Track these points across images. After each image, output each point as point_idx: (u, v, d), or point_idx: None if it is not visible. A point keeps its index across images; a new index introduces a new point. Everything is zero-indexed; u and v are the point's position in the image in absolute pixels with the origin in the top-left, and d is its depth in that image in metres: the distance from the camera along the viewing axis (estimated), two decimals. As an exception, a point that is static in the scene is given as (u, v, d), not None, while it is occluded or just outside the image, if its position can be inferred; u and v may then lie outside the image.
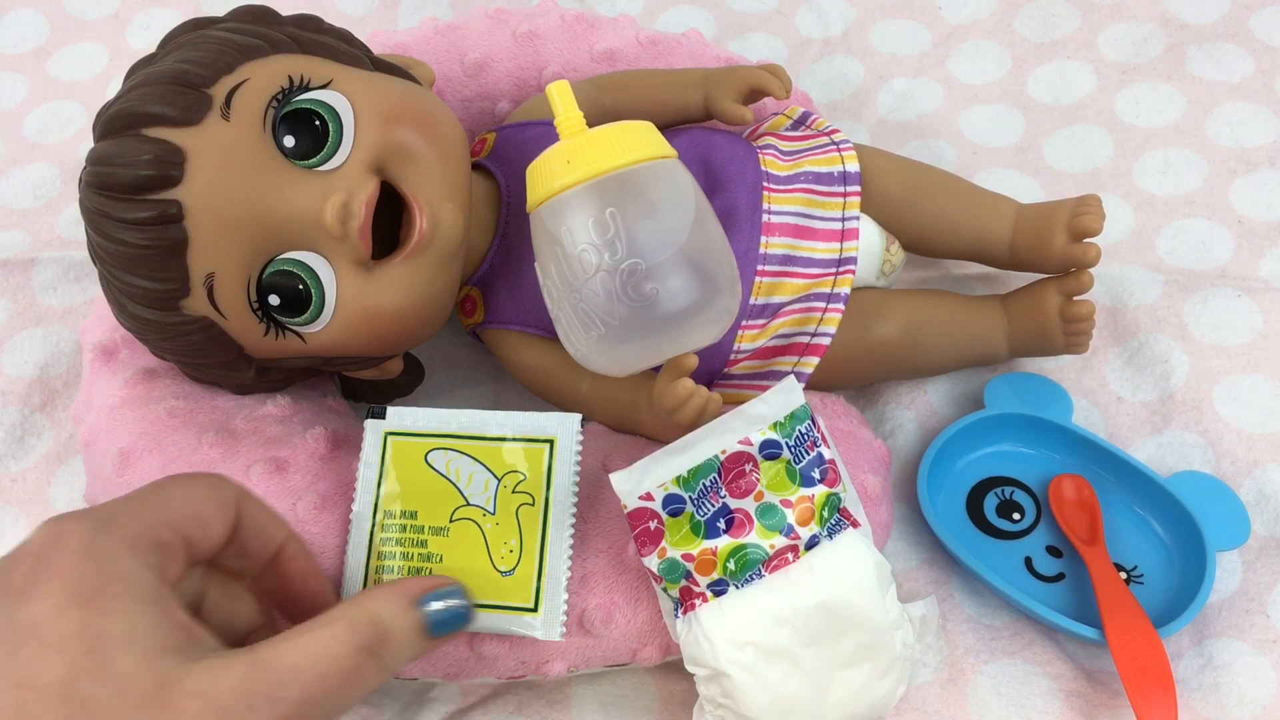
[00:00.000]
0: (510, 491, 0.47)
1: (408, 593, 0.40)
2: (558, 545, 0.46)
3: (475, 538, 0.47)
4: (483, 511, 0.47)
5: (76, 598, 0.33)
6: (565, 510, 0.47)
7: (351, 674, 0.36)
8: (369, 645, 0.37)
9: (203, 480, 0.40)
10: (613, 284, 0.44)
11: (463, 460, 0.47)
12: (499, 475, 0.47)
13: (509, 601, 0.46)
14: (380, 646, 0.37)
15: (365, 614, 0.38)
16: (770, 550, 0.45)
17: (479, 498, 0.47)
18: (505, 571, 0.46)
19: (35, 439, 0.62)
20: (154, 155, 0.45)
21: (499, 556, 0.46)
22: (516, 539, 0.46)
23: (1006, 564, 0.55)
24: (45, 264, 0.68)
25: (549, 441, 0.47)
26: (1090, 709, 0.51)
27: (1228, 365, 0.60)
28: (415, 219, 0.48)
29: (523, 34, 0.64)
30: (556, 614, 0.46)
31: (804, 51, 0.78)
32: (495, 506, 0.47)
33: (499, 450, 0.47)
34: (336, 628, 0.37)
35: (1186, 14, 0.76)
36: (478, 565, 0.46)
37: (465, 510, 0.47)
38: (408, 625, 0.39)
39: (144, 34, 0.81)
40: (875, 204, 0.58)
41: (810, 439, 0.46)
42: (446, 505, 0.47)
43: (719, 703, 0.46)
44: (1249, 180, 0.68)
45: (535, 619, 0.46)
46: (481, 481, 0.47)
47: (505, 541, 0.46)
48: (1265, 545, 0.55)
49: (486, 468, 0.47)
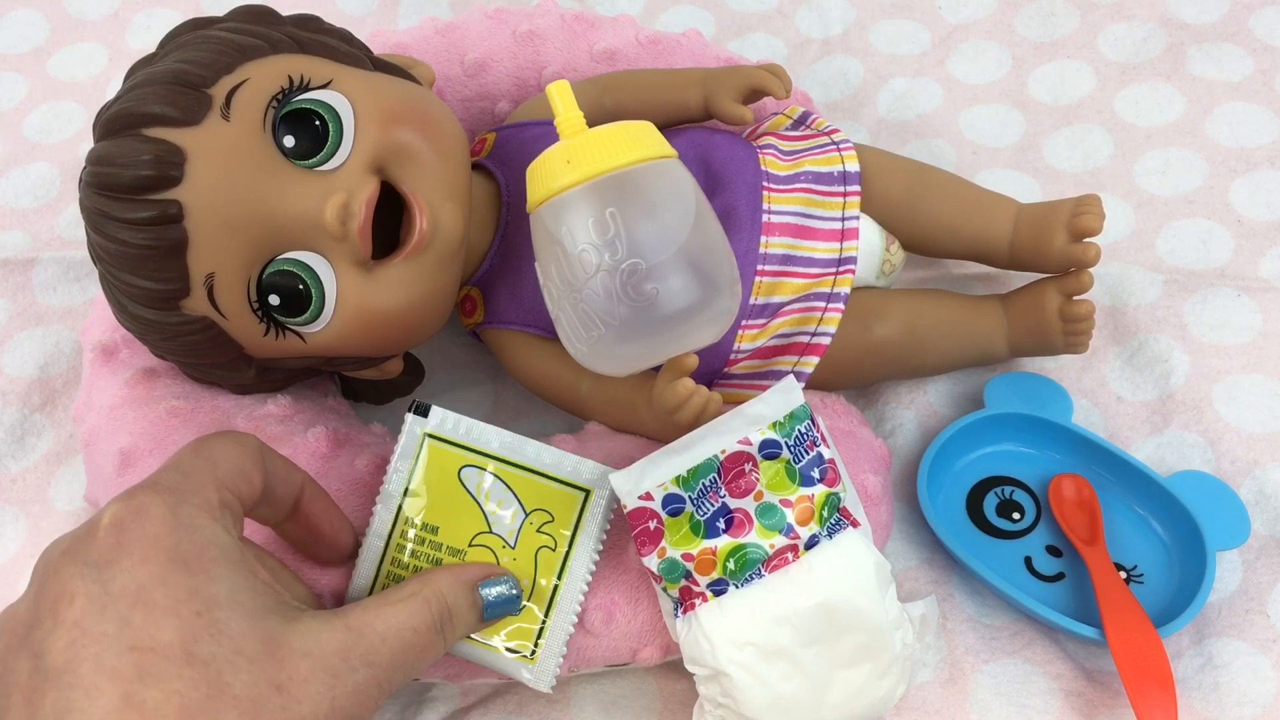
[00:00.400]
0: (535, 530, 0.45)
1: (469, 577, 0.44)
2: (568, 599, 0.45)
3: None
4: (503, 543, 0.45)
5: (178, 563, 0.35)
6: (584, 565, 0.46)
7: (426, 646, 0.40)
8: (439, 621, 0.41)
9: (230, 438, 0.41)
10: (613, 284, 0.44)
11: (496, 484, 0.46)
12: (528, 510, 0.45)
13: (507, 642, 0.45)
14: (446, 623, 0.41)
15: (436, 592, 0.41)
16: (770, 550, 0.45)
17: (503, 527, 0.45)
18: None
19: (35, 439, 0.62)
20: (154, 155, 0.45)
21: None
22: (530, 580, 0.45)
23: (1006, 564, 0.55)
24: (45, 264, 0.68)
25: (586, 491, 0.46)
26: (1090, 709, 0.51)
27: (1228, 365, 0.60)
28: (415, 219, 0.48)
29: (523, 34, 0.64)
30: (551, 667, 0.46)
31: (804, 51, 0.78)
32: (517, 541, 0.45)
33: (534, 484, 0.46)
34: (414, 603, 0.40)
35: (1186, 14, 0.76)
36: None
37: (486, 537, 0.45)
38: (467, 606, 0.43)
39: (144, 34, 0.81)
40: (875, 204, 0.58)
41: (810, 439, 0.46)
42: (469, 527, 0.45)
43: (719, 703, 0.46)
44: (1249, 180, 0.68)
45: (529, 666, 0.45)
46: (509, 511, 0.45)
47: (519, 579, 0.45)
48: (1265, 545, 0.55)
49: (517, 498, 0.46)
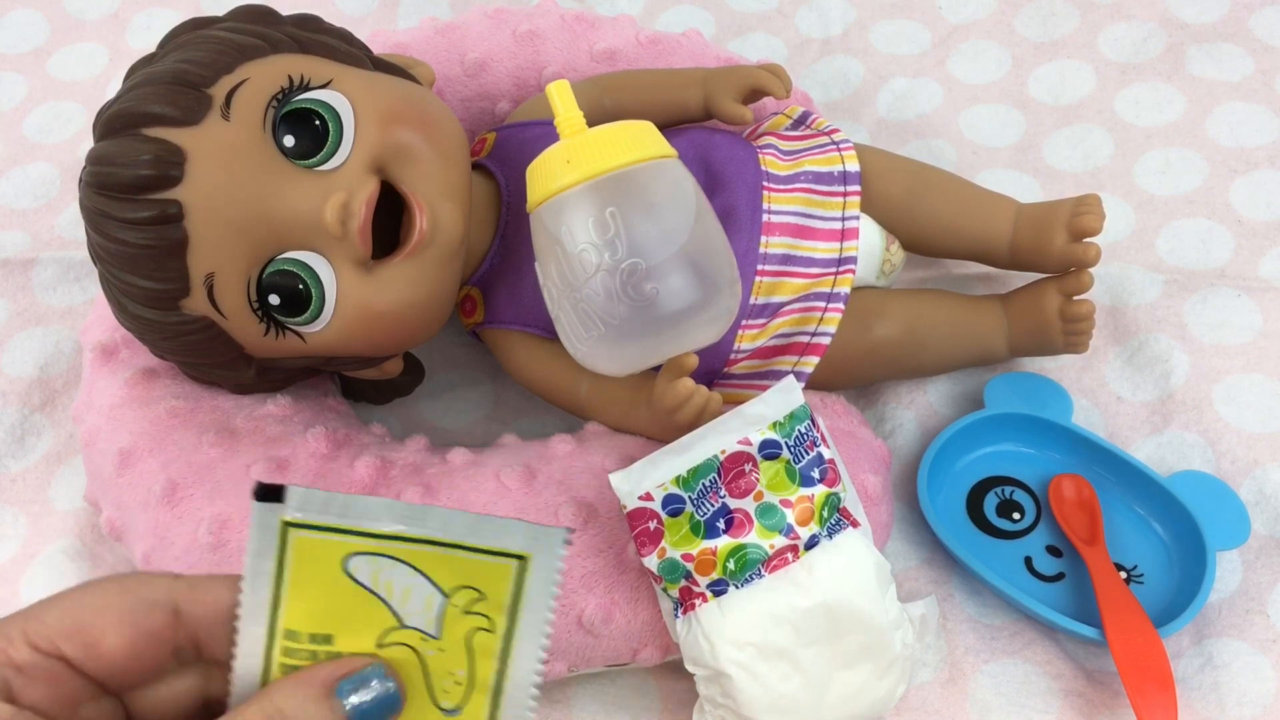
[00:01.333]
0: (461, 612, 0.36)
1: (319, 680, 0.33)
2: (520, 682, 0.36)
3: (412, 667, 0.36)
4: (422, 636, 0.36)
5: None
6: (534, 647, 0.36)
7: None
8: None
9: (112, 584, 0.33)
10: (613, 284, 0.44)
11: (397, 570, 0.36)
12: (446, 591, 0.36)
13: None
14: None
15: (268, 708, 0.32)
16: (770, 550, 0.45)
17: (417, 617, 0.36)
18: (449, 710, 0.37)
19: (35, 439, 0.62)
20: (154, 155, 0.45)
21: (442, 690, 0.36)
22: (466, 670, 0.36)
23: (1006, 564, 0.55)
24: (45, 264, 0.68)
25: (519, 559, 0.36)
26: (1090, 709, 0.51)
27: (1228, 365, 0.60)
28: (415, 219, 0.48)
29: (523, 34, 0.64)
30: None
31: (804, 51, 0.78)
32: (440, 629, 0.36)
33: (449, 560, 0.36)
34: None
35: (1186, 14, 0.76)
36: (414, 701, 0.36)
37: (399, 634, 0.36)
38: (319, 715, 0.33)
39: (144, 34, 0.81)
40: (875, 204, 0.58)
41: (810, 439, 0.46)
42: (373, 626, 0.36)
43: (719, 703, 0.46)
44: (1249, 180, 0.68)
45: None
46: (422, 598, 0.36)
47: (451, 672, 0.36)
48: (1265, 545, 0.55)
49: (429, 580, 0.36)
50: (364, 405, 0.62)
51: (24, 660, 0.31)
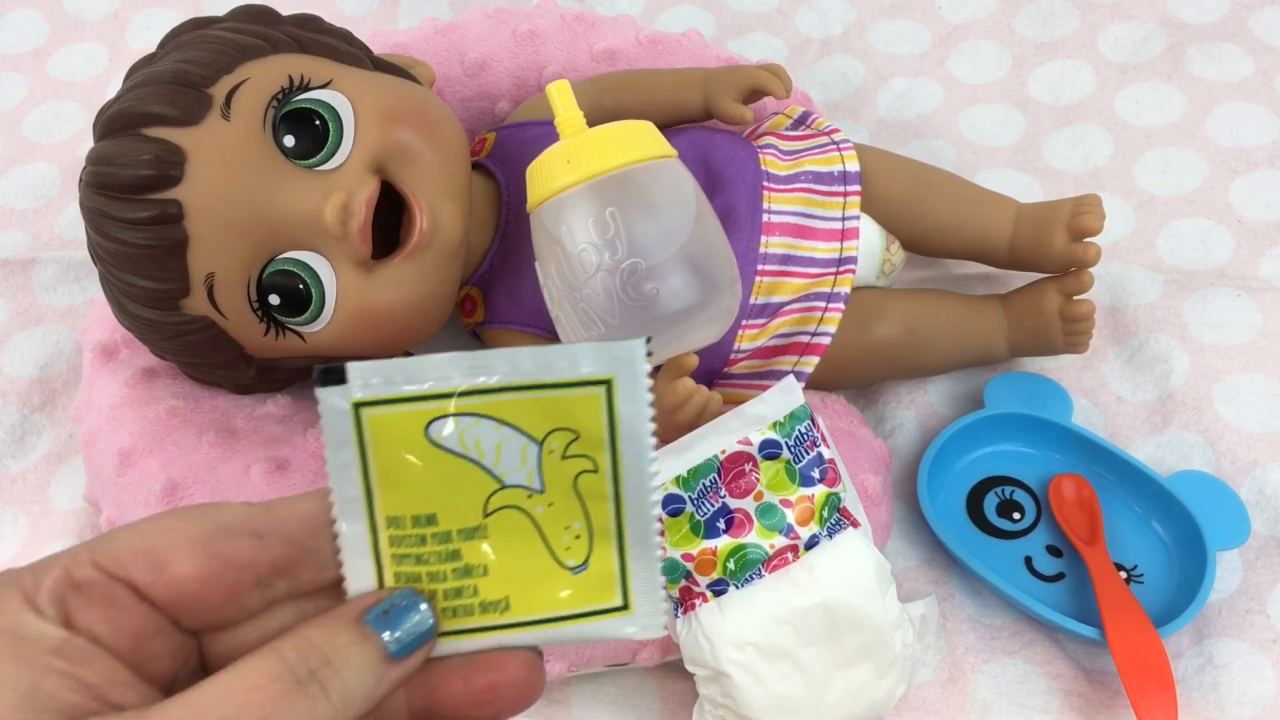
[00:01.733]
0: (560, 457, 0.33)
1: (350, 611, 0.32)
2: (639, 518, 0.34)
3: (526, 530, 0.34)
4: (527, 492, 0.33)
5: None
6: (643, 472, 0.33)
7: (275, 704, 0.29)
8: (299, 671, 0.30)
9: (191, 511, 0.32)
10: (613, 283, 0.44)
11: (482, 426, 0.33)
12: (538, 438, 0.33)
13: (589, 605, 0.34)
14: (320, 672, 0.30)
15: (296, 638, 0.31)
16: (770, 550, 0.45)
17: (517, 474, 0.33)
18: (576, 567, 0.34)
19: (35, 439, 0.62)
20: (154, 155, 0.45)
21: (562, 549, 0.34)
22: (582, 520, 0.34)
23: (1006, 564, 0.55)
24: (45, 264, 0.68)
25: (604, 383, 0.33)
26: (1090, 709, 0.51)
27: (1228, 365, 0.60)
28: (415, 219, 0.48)
29: (523, 34, 0.64)
30: (655, 608, 0.34)
31: (804, 51, 0.78)
32: (543, 481, 0.33)
33: (530, 403, 0.33)
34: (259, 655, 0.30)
35: (1186, 14, 0.76)
36: (537, 567, 0.34)
37: (503, 495, 0.34)
38: (349, 642, 0.31)
39: (144, 34, 0.81)
40: (875, 204, 0.58)
41: (810, 439, 0.46)
42: (474, 495, 0.33)
43: (719, 703, 0.46)
44: (1249, 180, 0.68)
45: (628, 618, 0.34)
46: (516, 451, 0.33)
47: (567, 526, 0.34)
48: (1265, 545, 0.55)
49: (518, 430, 0.33)
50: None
51: (85, 579, 0.30)
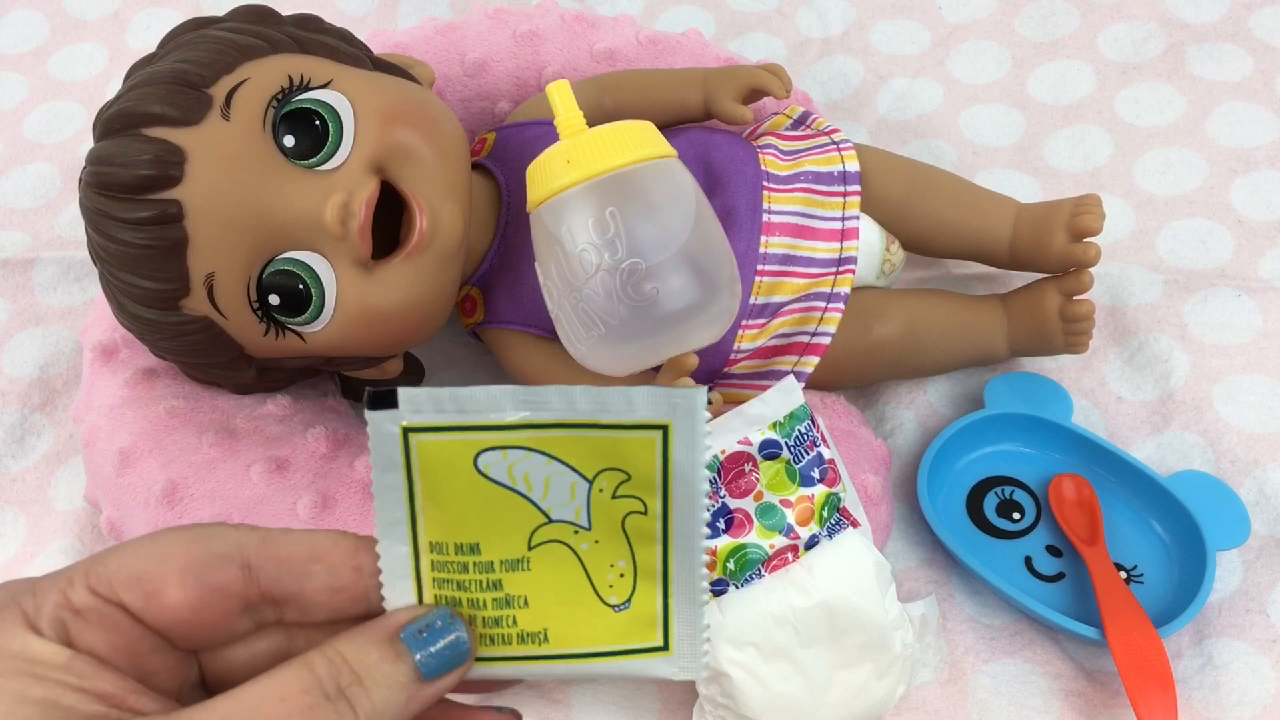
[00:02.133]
0: (610, 497, 0.33)
1: (385, 627, 0.33)
2: (687, 563, 0.33)
3: (569, 565, 0.33)
4: (574, 528, 0.33)
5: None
6: (695, 517, 0.33)
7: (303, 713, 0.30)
8: (328, 686, 0.31)
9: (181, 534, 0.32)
10: (613, 284, 0.44)
11: (532, 460, 0.33)
12: (589, 476, 0.33)
13: (629, 643, 0.33)
14: (349, 689, 0.31)
15: (328, 652, 0.31)
16: (770, 550, 0.45)
17: (564, 510, 0.33)
18: (618, 605, 0.34)
19: (35, 439, 0.62)
20: (154, 155, 0.45)
21: (605, 586, 0.34)
22: (627, 559, 0.33)
23: (1006, 564, 0.55)
24: (45, 264, 0.68)
25: (661, 428, 0.32)
26: (1090, 709, 0.51)
27: (1228, 365, 0.60)
28: (415, 219, 0.48)
29: (523, 34, 0.64)
30: (696, 650, 0.33)
31: (804, 51, 0.78)
32: (590, 519, 0.33)
33: (584, 441, 0.33)
34: (290, 668, 0.31)
35: (1186, 14, 0.76)
36: (579, 602, 0.33)
37: (548, 529, 0.33)
38: (380, 659, 0.32)
39: (144, 34, 0.81)
40: (875, 204, 0.58)
41: (810, 439, 0.46)
42: (520, 527, 0.33)
43: (719, 703, 0.46)
44: (1249, 180, 0.68)
45: (668, 659, 0.34)
46: (565, 487, 0.33)
47: (612, 564, 0.33)
48: (1265, 545, 0.55)
49: (569, 466, 0.33)
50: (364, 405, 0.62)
51: (82, 604, 0.31)
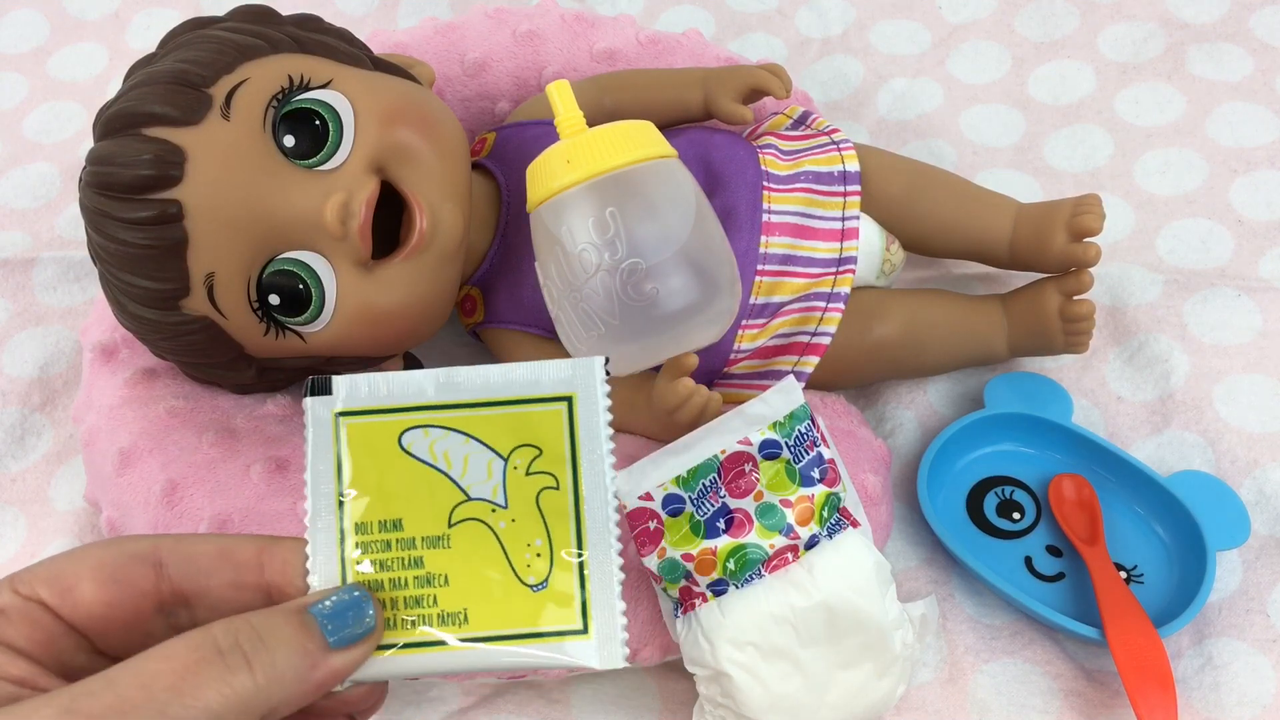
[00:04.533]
0: (524, 474, 0.35)
1: (297, 603, 0.34)
2: (600, 539, 0.34)
3: (488, 544, 0.34)
4: (491, 506, 0.35)
5: None
6: (603, 490, 0.35)
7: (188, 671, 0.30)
8: (222, 643, 0.31)
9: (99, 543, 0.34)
10: (613, 283, 0.44)
11: (451, 439, 0.35)
12: (504, 454, 0.35)
13: (548, 625, 0.34)
14: (245, 645, 0.31)
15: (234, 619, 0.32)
16: (770, 550, 0.45)
17: (482, 487, 0.35)
18: (536, 585, 0.34)
19: (35, 439, 0.62)
20: (154, 155, 0.45)
21: (523, 566, 0.34)
22: (543, 537, 0.34)
23: (1006, 564, 0.55)
24: (45, 264, 0.68)
25: (565, 400, 0.35)
26: (1090, 709, 0.51)
27: (1228, 365, 0.60)
28: (415, 219, 0.48)
29: (523, 34, 0.64)
30: (614, 633, 0.34)
31: (804, 51, 0.78)
32: (506, 497, 0.35)
33: (498, 419, 0.35)
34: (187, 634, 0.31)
35: (1186, 14, 0.76)
36: (496, 580, 0.34)
37: (467, 507, 0.35)
38: (287, 627, 0.32)
39: (144, 34, 0.81)
40: (875, 203, 0.58)
41: (810, 439, 0.46)
42: (440, 504, 0.35)
43: (719, 703, 0.46)
44: (1249, 180, 0.68)
45: (587, 644, 0.34)
46: (482, 465, 0.35)
47: (529, 544, 0.34)
48: (1265, 545, 0.55)
49: (485, 445, 0.35)
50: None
51: (4, 603, 0.33)
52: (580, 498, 0.35)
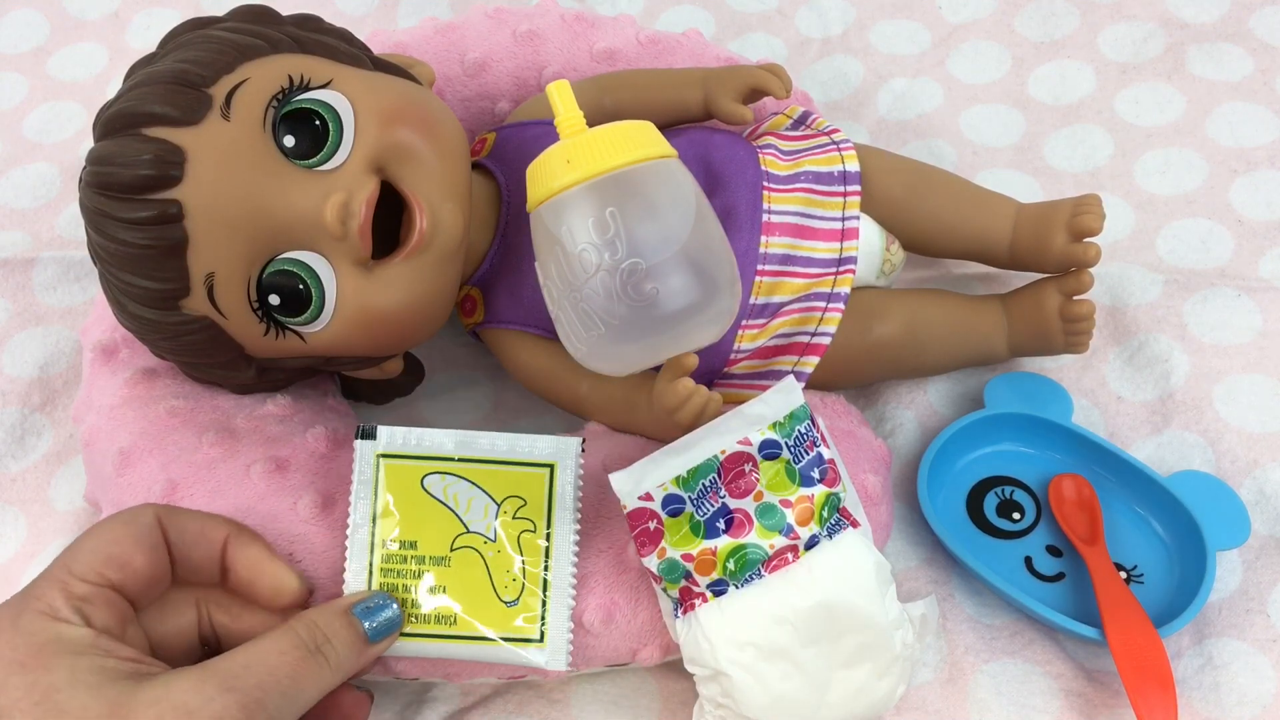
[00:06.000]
0: (511, 517, 0.46)
1: (343, 603, 0.45)
2: (560, 574, 0.46)
3: (478, 567, 0.46)
4: (484, 539, 0.46)
5: (15, 665, 0.37)
6: (567, 539, 0.47)
7: (297, 667, 0.40)
8: (310, 645, 0.41)
9: (115, 522, 0.42)
10: (613, 284, 0.44)
11: (460, 485, 0.47)
12: (498, 500, 0.46)
13: (515, 633, 0.46)
14: (323, 646, 0.41)
15: (305, 620, 0.42)
16: (770, 550, 0.45)
17: (479, 524, 0.46)
18: (509, 601, 0.46)
19: (35, 439, 0.62)
20: (154, 155, 0.45)
21: (502, 586, 0.46)
22: (519, 567, 0.46)
23: (1006, 564, 0.55)
24: (45, 264, 0.68)
25: (548, 466, 0.47)
26: (1090, 709, 0.51)
27: (1228, 365, 0.60)
28: (415, 219, 0.48)
29: (523, 34, 0.64)
30: (562, 645, 0.46)
31: (804, 51, 0.78)
32: (496, 533, 0.46)
33: (497, 474, 0.47)
34: (279, 631, 0.41)
35: (1186, 14, 0.76)
36: (481, 596, 0.46)
37: (466, 538, 0.46)
38: (341, 626, 0.43)
39: (144, 34, 0.81)
40: (875, 203, 0.58)
41: (810, 439, 0.46)
42: (446, 533, 0.46)
43: (719, 703, 0.46)
44: (1249, 180, 0.68)
45: (540, 651, 0.46)
46: (481, 507, 0.46)
47: (508, 570, 0.46)
48: (1265, 545, 0.55)
49: (485, 492, 0.46)
50: (364, 405, 0.62)
51: (83, 592, 0.39)
52: (551, 541, 0.46)
